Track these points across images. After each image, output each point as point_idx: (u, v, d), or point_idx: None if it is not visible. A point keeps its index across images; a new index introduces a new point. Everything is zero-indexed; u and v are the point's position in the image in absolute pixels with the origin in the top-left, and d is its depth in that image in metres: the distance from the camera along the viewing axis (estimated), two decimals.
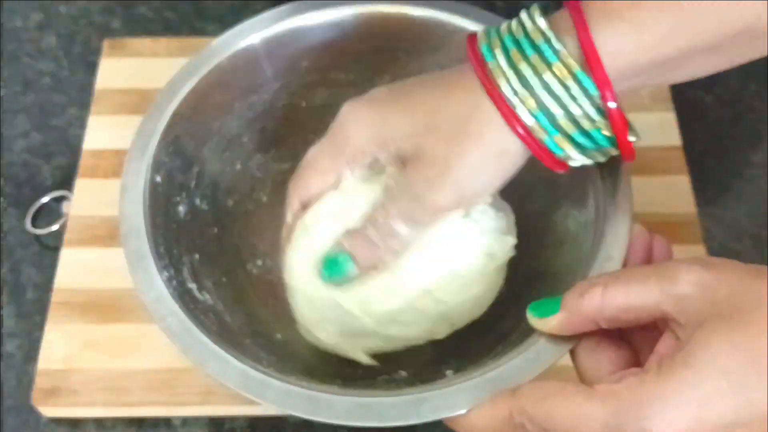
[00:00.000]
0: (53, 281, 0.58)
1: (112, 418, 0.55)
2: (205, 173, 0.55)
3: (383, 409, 0.41)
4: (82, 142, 0.64)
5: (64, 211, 0.62)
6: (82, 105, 0.67)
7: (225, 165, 0.57)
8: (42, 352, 0.55)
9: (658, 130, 0.64)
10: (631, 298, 0.39)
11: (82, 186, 0.62)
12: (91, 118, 0.65)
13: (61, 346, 0.55)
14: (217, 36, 0.55)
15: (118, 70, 0.68)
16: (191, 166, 0.54)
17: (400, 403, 0.42)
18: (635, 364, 0.41)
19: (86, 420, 0.55)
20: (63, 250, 0.59)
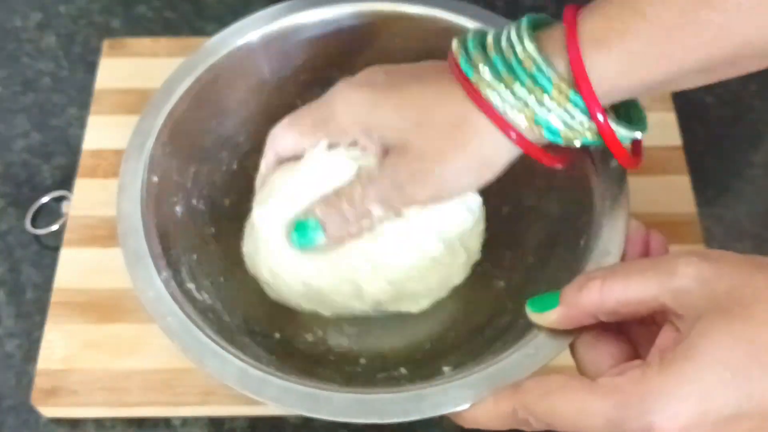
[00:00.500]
0: (53, 281, 0.58)
1: (112, 418, 0.55)
2: (201, 173, 0.55)
3: (383, 405, 0.42)
4: (82, 142, 0.64)
5: (64, 211, 0.62)
6: (82, 105, 0.67)
7: (221, 165, 0.57)
8: (42, 352, 0.55)
9: (659, 130, 0.64)
10: (630, 291, 0.39)
11: (82, 186, 0.62)
12: (90, 117, 0.65)
13: (61, 346, 0.55)
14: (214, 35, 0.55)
15: (118, 70, 0.68)
16: (188, 166, 0.54)
17: (400, 400, 0.42)
18: (635, 358, 0.41)
19: (86, 420, 0.55)
20: (63, 250, 0.59)
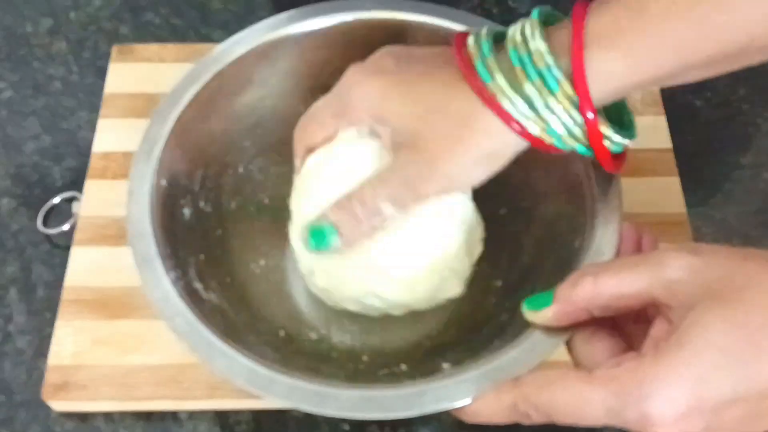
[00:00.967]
0: (63, 279, 0.58)
1: (121, 412, 0.55)
2: (208, 177, 0.56)
3: (387, 401, 0.42)
4: (92, 145, 0.64)
5: (75, 211, 0.62)
6: (92, 108, 0.67)
7: (227, 168, 0.58)
8: (52, 348, 0.55)
9: (650, 133, 0.64)
10: (622, 285, 0.40)
11: (92, 187, 0.62)
12: (100, 121, 0.65)
13: (71, 342, 0.55)
14: (221, 43, 0.55)
15: (127, 75, 0.68)
16: (195, 170, 0.55)
17: (403, 395, 0.42)
18: (629, 352, 0.41)
19: (95, 414, 0.55)
20: (73, 249, 0.59)
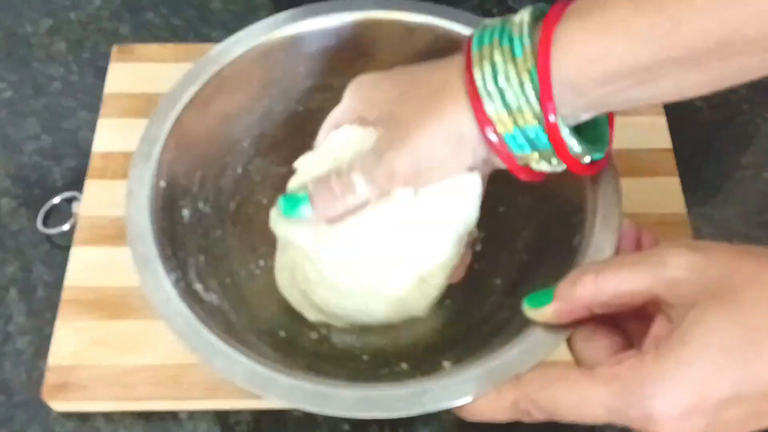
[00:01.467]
0: (63, 279, 0.58)
1: (120, 412, 0.55)
2: (207, 177, 0.56)
3: (387, 400, 0.42)
4: (92, 145, 0.64)
5: (74, 211, 0.62)
6: (92, 108, 0.67)
7: (226, 169, 0.58)
8: (52, 348, 0.55)
9: (650, 133, 0.65)
10: (623, 283, 0.40)
11: (92, 187, 0.62)
12: (100, 121, 0.65)
13: (71, 342, 0.55)
14: (220, 43, 0.56)
15: (127, 75, 0.68)
16: (194, 170, 0.55)
17: (404, 395, 0.42)
18: (630, 350, 0.41)
19: (95, 414, 0.55)
20: (73, 249, 0.59)
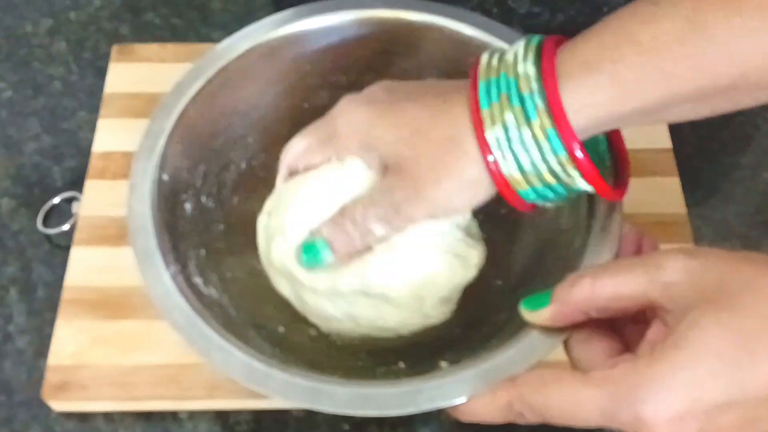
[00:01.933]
0: (64, 279, 0.58)
1: (121, 412, 0.55)
2: (211, 172, 0.56)
3: (383, 398, 0.42)
4: (92, 145, 0.64)
5: (74, 211, 0.62)
6: (92, 108, 0.68)
7: (230, 164, 0.58)
8: (52, 348, 0.55)
9: (649, 133, 0.65)
10: (620, 287, 0.40)
11: (92, 187, 0.62)
12: (100, 121, 0.65)
13: (71, 342, 0.55)
14: (222, 41, 0.56)
15: (127, 75, 0.68)
16: (198, 165, 0.55)
17: (398, 394, 0.42)
18: (626, 354, 0.41)
19: (95, 414, 0.55)
20: (73, 249, 0.59)
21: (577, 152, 0.42)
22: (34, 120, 0.69)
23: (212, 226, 0.56)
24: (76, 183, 0.64)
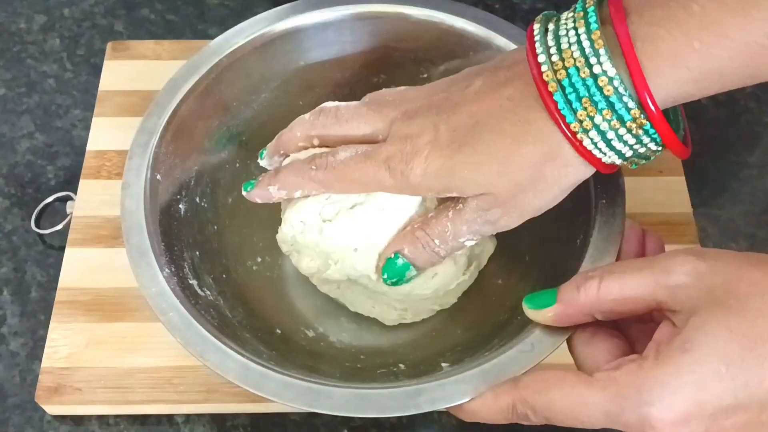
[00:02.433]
0: (57, 280, 0.58)
1: (115, 416, 0.55)
2: (205, 171, 0.56)
3: (382, 400, 0.42)
4: (86, 143, 0.64)
5: (68, 211, 0.61)
6: (86, 106, 0.68)
7: (224, 163, 0.57)
8: (46, 350, 0.55)
9: None
10: (627, 289, 0.40)
11: (86, 186, 0.62)
12: (94, 119, 0.65)
13: (65, 344, 0.55)
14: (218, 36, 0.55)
15: (122, 72, 0.68)
16: (191, 164, 0.55)
17: (398, 395, 0.42)
18: (631, 354, 0.41)
19: (90, 417, 0.55)
20: (67, 250, 0.59)
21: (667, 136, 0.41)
22: (27, 118, 0.68)
23: (206, 227, 0.55)
24: (70, 182, 0.64)
